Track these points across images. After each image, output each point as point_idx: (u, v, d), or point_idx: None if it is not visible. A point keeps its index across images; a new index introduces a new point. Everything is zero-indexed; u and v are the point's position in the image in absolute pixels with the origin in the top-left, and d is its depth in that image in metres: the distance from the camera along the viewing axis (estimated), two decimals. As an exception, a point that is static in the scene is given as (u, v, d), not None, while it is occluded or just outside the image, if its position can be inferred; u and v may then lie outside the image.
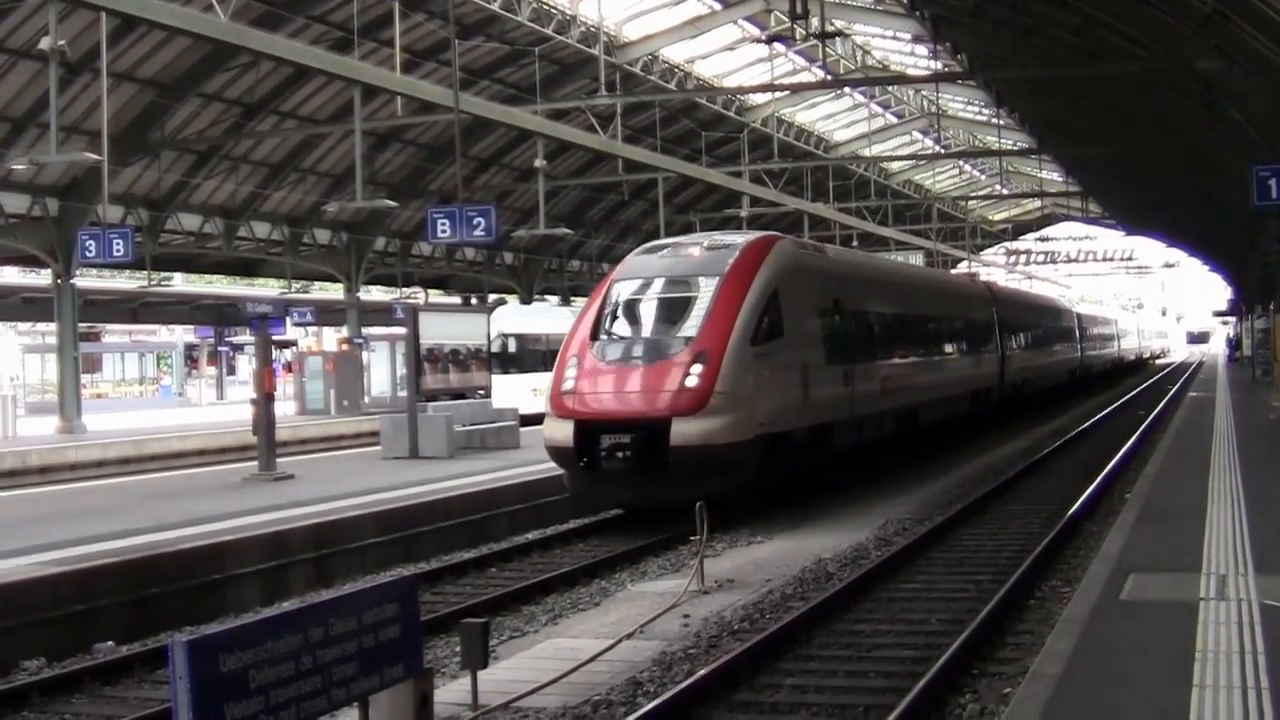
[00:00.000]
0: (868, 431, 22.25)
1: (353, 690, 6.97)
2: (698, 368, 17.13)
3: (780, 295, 18.61)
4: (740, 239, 19.77)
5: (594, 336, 18.25)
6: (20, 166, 27.37)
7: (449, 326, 37.44)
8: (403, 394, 30.67)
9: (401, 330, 31.81)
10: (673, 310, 18.43)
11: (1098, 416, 36.50)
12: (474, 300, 53.69)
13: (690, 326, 17.85)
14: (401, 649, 7.36)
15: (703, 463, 16.75)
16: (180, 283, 54.76)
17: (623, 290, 18.94)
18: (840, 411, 20.55)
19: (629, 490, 17.57)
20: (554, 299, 57.44)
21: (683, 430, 16.79)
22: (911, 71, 46.11)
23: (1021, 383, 36.64)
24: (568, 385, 17.69)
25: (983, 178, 72.33)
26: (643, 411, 17.11)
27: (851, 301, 21.86)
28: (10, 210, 33.28)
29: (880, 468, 23.11)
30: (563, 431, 17.50)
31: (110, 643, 12.15)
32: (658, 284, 18.91)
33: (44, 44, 19.77)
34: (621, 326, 18.53)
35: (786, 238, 21.16)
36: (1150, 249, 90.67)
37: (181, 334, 67.61)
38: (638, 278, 19.15)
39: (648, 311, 18.65)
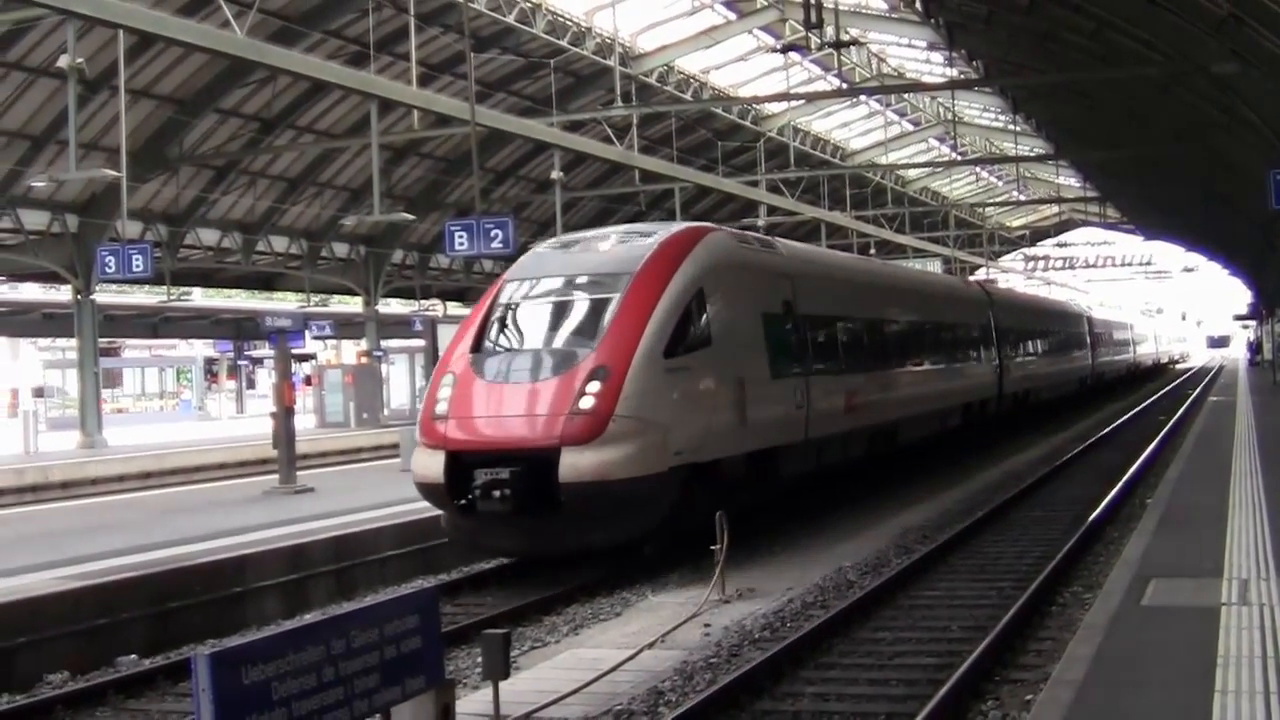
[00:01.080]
0: (829, 455, 19.28)
1: (375, 702, 6.99)
2: (594, 385, 14.24)
3: (708, 297, 15.81)
4: (661, 230, 16.90)
5: (476, 348, 15.41)
6: (40, 183, 27.55)
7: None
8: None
9: (420, 342, 31.92)
10: (570, 316, 15.58)
11: (1117, 423, 36.39)
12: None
13: (589, 336, 14.96)
14: (423, 660, 7.38)
15: (601, 502, 14.04)
16: (199, 297, 54.92)
17: (515, 292, 16.11)
18: (791, 433, 17.71)
19: (510, 537, 14.77)
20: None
21: (574, 462, 13.92)
22: (927, 79, 46.10)
23: (1024, 393, 34.26)
24: (440, 408, 14.83)
25: (1000, 184, 72.22)
26: (525, 440, 14.26)
27: (808, 304, 19.00)
28: (30, 227, 33.43)
29: (898, 476, 23.05)
30: (432, 465, 14.64)
31: (133, 656, 12.21)
32: (556, 284, 16.03)
33: (62, 62, 19.95)
34: (508, 336, 15.71)
35: (722, 229, 18.26)
36: (1169, 253, 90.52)
37: (201, 348, 67.88)
38: (533, 277, 16.33)
39: (540, 318, 15.78)
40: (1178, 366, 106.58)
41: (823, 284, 20.40)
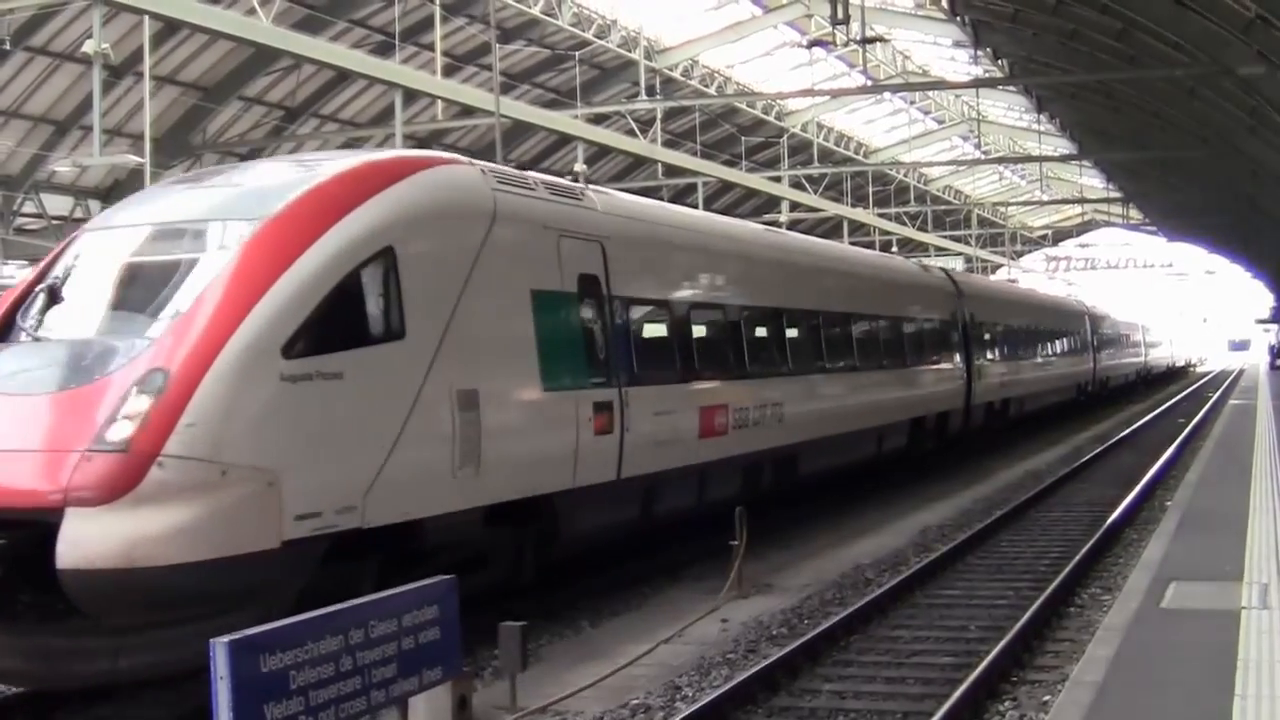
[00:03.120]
0: (667, 498, 13.84)
1: (392, 692, 7.01)
2: (140, 402, 8.54)
3: (403, 261, 10.12)
4: (346, 159, 11.27)
5: None
6: (64, 169, 27.60)
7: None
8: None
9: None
10: (141, 287, 9.84)
11: (1136, 425, 36.27)
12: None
13: (155, 320, 9.34)
14: (441, 651, 7.40)
15: (140, 606, 8.39)
16: (221, 285, 55.15)
17: (82, 252, 10.46)
18: (586, 472, 12.17)
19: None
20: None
21: (81, 536, 8.18)
22: (952, 77, 45.94)
23: (1001, 403, 29.25)
24: None
25: (1023, 183, 72.05)
26: (7, 493, 8.51)
27: (633, 281, 13.53)
28: (53, 212, 33.52)
29: (918, 474, 22.98)
30: None
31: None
32: (146, 239, 10.15)
33: (88, 47, 19.90)
34: (47, 320, 9.96)
35: (474, 164, 11.85)
36: (1190, 256, 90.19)
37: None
38: (115, 228, 10.69)
39: (101, 290, 9.96)
40: (1196, 370, 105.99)
41: (664, 254, 14.65)
